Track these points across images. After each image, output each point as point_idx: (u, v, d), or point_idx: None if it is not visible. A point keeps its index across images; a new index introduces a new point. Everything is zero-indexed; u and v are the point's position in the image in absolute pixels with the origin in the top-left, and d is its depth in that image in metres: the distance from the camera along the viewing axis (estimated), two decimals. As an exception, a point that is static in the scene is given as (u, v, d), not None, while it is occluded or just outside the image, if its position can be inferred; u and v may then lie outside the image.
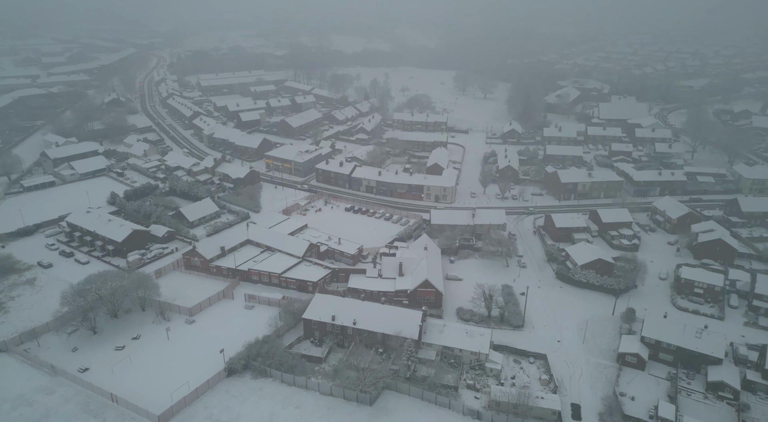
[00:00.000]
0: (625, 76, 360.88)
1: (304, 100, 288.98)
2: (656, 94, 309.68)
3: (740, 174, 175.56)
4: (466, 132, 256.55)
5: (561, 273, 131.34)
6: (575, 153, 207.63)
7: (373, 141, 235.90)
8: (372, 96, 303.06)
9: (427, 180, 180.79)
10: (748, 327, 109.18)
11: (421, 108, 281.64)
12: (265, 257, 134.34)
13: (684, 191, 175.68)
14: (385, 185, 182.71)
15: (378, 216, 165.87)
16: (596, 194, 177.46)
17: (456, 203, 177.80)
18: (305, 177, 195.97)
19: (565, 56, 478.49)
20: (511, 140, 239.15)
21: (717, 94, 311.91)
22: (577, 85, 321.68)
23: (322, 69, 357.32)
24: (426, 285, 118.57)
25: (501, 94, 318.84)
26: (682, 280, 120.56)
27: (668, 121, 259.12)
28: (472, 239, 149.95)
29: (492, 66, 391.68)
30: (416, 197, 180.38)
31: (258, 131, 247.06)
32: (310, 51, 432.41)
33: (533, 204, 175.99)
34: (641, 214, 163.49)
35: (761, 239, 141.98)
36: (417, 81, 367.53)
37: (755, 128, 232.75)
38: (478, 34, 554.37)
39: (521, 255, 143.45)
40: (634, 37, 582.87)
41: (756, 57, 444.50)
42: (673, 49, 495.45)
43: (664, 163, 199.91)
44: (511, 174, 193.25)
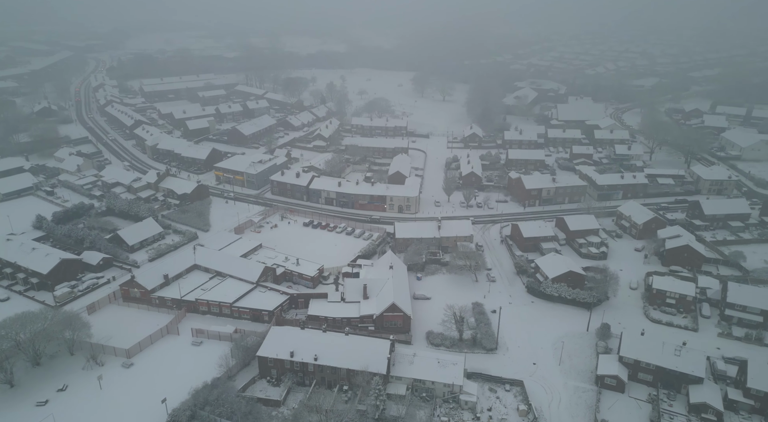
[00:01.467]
0: (579, 77, 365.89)
1: (256, 105, 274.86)
2: (610, 94, 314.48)
3: (699, 175, 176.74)
4: (427, 136, 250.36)
5: (532, 287, 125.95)
6: (537, 157, 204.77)
7: (332, 148, 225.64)
8: (329, 100, 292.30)
9: (390, 190, 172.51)
10: (722, 338, 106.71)
11: (380, 112, 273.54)
12: (214, 284, 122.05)
13: (646, 193, 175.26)
14: (346, 197, 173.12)
15: (339, 231, 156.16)
16: (561, 199, 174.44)
17: (420, 213, 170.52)
18: (259, 190, 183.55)
19: (520, 57, 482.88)
20: (473, 144, 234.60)
21: (667, 93, 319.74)
22: (534, 86, 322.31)
23: (276, 72, 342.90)
24: (393, 309, 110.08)
25: (460, 96, 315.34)
26: (654, 290, 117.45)
27: (624, 121, 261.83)
28: (439, 252, 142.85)
29: (449, 67, 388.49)
30: (379, 208, 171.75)
31: (207, 139, 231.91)
32: (263, 53, 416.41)
33: (498, 212, 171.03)
34: (606, 219, 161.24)
35: (725, 242, 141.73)
36: (374, 83, 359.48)
37: (707, 127, 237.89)
38: (433, 34, 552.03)
39: (490, 269, 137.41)
40: (585, 37, 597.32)
41: (700, 55, 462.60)
42: (622, 48, 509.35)
43: (624, 165, 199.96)
44: (474, 181, 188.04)
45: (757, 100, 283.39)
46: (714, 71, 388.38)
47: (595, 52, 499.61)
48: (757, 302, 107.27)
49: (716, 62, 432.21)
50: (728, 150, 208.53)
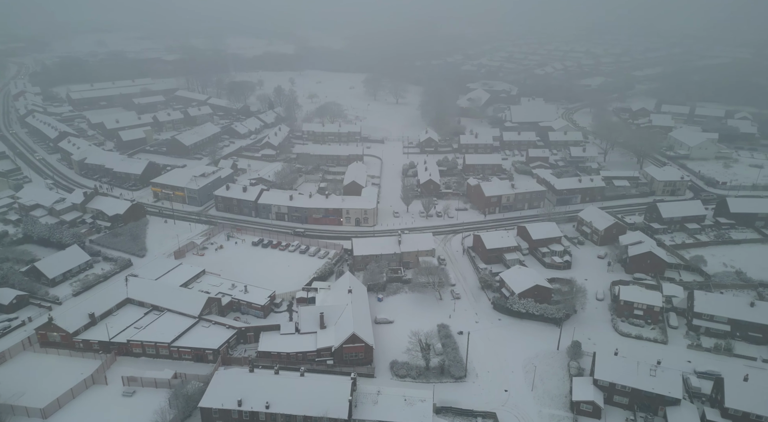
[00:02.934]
0: (530, 77, 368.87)
1: (198, 112, 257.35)
2: (560, 94, 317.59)
3: (653, 177, 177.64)
4: (382, 142, 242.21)
5: (498, 304, 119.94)
6: (494, 161, 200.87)
7: (282, 157, 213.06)
8: (277, 105, 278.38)
9: (346, 202, 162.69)
10: (692, 350, 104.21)
11: (332, 117, 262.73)
12: (150, 320, 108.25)
13: (603, 196, 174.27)
14: (299, 211, 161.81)
15: (292, 249, 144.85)
16: (520, 205, 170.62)
17: (379, 226, 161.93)
18: (202, 206, 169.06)
19: (471, 57, 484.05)
20: (429, 149, 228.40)
21: (613, 93, 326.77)
22: (487, 87, 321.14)
23: (219, 75, 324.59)
24: (354, 340, 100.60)
25: (413, 99, 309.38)
26: (622, 302, 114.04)
27: (576, 122, 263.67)
28: (401, 269, 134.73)
29: (401, 68, 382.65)
30: (335, 222, 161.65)
31: (144, 151, 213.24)
32: (205, 55, 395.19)
33: (459, 221, 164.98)
34: (567, 225, 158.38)
35: (685, 246, 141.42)
36: (325, 86, 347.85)
37: (655, 126, 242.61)
38: (383, 34, 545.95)
39: (454, 284, 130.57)
40: (532, 36, 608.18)
41: (641, 55, 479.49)
42: (567, 48, 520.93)
43: (580, 167, 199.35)
44: (433, 188, 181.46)
45: (698, 99, 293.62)
46: (655, 70, 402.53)
47: (543, 51, 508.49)
48: (724, 310, 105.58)
49: (656, 61, 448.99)
50: (677, 149, 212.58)
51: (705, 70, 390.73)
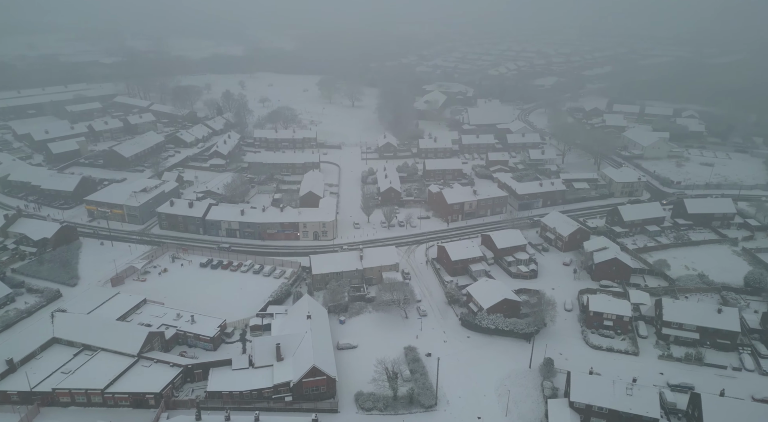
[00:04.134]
0: (485, 78, 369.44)
1: (140, 119, 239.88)
2: (515, 94, 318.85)
3: (611, 178, 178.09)
4: (339, 147, 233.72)
5: (466, 320, 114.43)
6: (454, 166, 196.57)
7: (232, 167, 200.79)
8: (226, 110, 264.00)
9: (303, 215, 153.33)
10: (663, 361, 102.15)
11: (285, 122, 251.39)
12: (80, 362, 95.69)
13: (564, 200, 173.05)
14: (252, 226, 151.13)
15: (245, 269, 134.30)
16: (483, 211, 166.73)
17: (339, 239, 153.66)
18: (144, 225, 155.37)
19: (425, 58, 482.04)
20: (388, 154, 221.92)
21: (566, 92, 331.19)
22: (443, 89, 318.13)
23: (163, 79, 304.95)
24: (314, 373, 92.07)
25: (369, 102, 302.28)
26: (591, 313, 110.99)
27: (534, 124, 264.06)
28: (363, 287, 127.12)
29: (355, 70, 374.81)
30: (291, 237, 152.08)
31: (77, 165, 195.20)
32: (147, 58, 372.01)
33: (422, 230, 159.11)
34: (531, 231, 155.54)
35: (646, 249, 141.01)
36: (277, 89, 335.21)
37: (608, 126, 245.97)
38: (336, 35, 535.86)
39: (420, 300, 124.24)
40: (483, 37, 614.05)
41: (589, 54, 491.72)
42: (519, 48, 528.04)
43: (539, 170, 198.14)
44: (394, 196, 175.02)
45: (646, 97, 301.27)
46: (604, 70, 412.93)
47: (496, 52, 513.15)
48: (692, 318, 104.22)
49: (604, 61, 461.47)
50: (631, 149, 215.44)
51: (650, 69, 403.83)
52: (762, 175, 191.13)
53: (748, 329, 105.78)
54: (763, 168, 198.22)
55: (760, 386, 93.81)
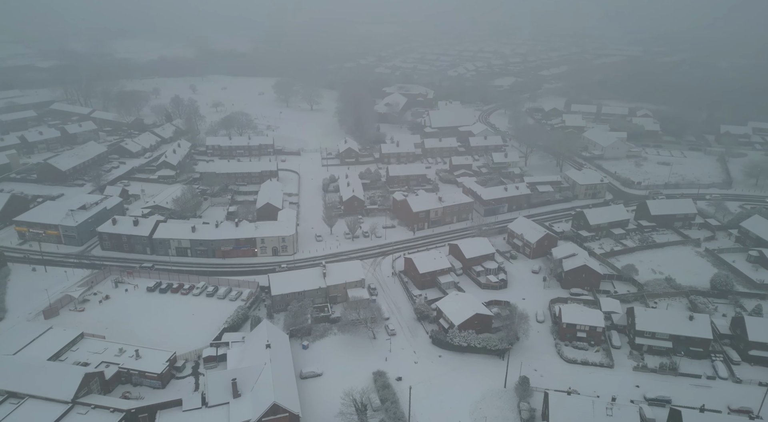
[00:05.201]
0: (444, 79, 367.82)
1: (80, 128, 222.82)
2: (474, 95, 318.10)
3: (574, 180, 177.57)
4: (298, 154, 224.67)
5: (437, 338, 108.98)
6: (418, 172, 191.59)
7: (183, 178, 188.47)
8: (176, 116, 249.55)
9: (261, 229, 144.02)
10: (638, 372, 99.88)
11: (240, 128, 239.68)
12: (3, 414, 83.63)
13: (529, 204, 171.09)
14: (204, 244, 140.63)
15: (197, 292, 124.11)
16: (449, 219, 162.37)
17: (300, 253, 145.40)
18: (83, 246, 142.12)
19: (384, 59, 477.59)
20: (349, 160, 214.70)
21: (524, 93, 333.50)
22: (403, 91, 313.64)
23: (106, 84, 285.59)
24: (275, 411, 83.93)
25: (329, 105, 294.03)
26: (564, 324, 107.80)
27: (496, 126, 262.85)
28: (327, 306, 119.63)
29: (313, 72, 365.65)
30: (248, 254, 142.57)
31: (7, 180, 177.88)
32: (88, 61, 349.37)
33: (387, 240, 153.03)
34: (498, 238, 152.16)
35: (613, 253, 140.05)
36: (231, 92, 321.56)
37: (568, 126, 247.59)
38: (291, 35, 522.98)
39: (388, 318, 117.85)
40: (441, 37, 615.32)
41: (545, 54, 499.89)
42: (476, 48, 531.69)
43: (503, 173, 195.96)
44: (357, 205, 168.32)
45: (601, 96, 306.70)
46: (560, 69, 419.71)
47: (453, 52, 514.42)
48: (665, 327, 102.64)
49: (559, 60, 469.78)
50: (591, 150, 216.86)
51: (603, 69, 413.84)
52: (717, 173, 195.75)
53: (719, 334, 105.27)
54: (717, 166, 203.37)
55: (736, 395, 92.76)
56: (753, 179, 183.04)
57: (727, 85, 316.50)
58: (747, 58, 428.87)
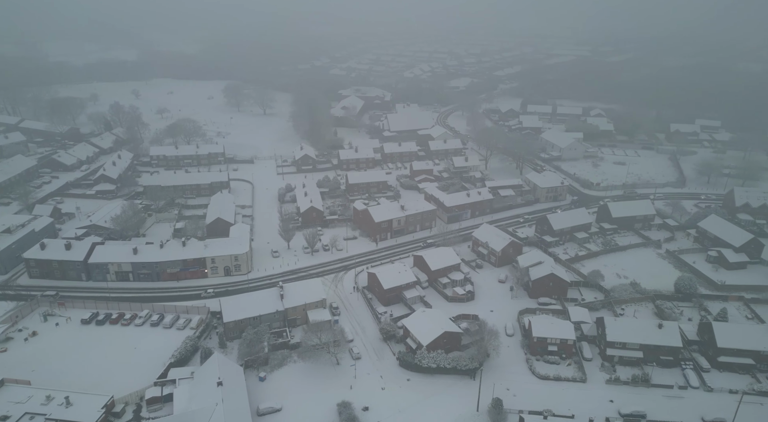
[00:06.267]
0: (400, 81, 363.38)
1: (6, 140, 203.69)
2: (431, 97, 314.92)
3: (535, 184, 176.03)
4: (251, 162, 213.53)
5: (405, 360, 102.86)
6: (379, 178, 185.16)
7: (124, 193, 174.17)
8: (116, 125, 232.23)
9: (211, 248, 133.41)
10: (611, 386, 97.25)
11: (188, 136, 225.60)
12: None
13: (492, 209, 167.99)
14: (148, 267, 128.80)
15: (139, 322, 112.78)
16: (412, 228, 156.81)
17: (255, 272, 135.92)
18: (7, 274, 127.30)
19: (338, 60, 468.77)
20: (306, 167, 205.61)
21: (481, 93, 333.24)
22: (360, 93, 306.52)
23: (37, 90, 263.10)
24: (229, 460, 75.19)
25: (283, 109, 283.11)
26: (535, 339, 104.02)
27: (455, 129, 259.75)
28: (286, 331, 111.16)
29: (265, 74, 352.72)
30: (198, 275, 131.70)
31: None
32: (17, 65, 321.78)
33: (348, 253, 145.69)
34: (462, 246, 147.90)
35: (578, 258, 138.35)
36: (178, 97, 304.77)
37: (525, 128, 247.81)
38: (241, 36, 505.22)
39: (351, 340, 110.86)
40: (395, 38, 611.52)
41: (498, 55, 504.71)
42: (431, 49, 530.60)
43: (464, 178, 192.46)
44: (316, 216, 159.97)
45: (555, 96, 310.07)
46: (514, 69, 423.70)
47: (408, 53, 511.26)
48: (635, 336, 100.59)
49: (513, 60, 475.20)
50: (549, 151, 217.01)
51: (555, 68, 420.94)
52: (670, 172, 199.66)
53: (687, 341, 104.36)
54: (669, 164, 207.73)
55: (708, 405, 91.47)
56: (705, 177, 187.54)
57: (673, 84, 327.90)
58: (689, 58, 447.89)
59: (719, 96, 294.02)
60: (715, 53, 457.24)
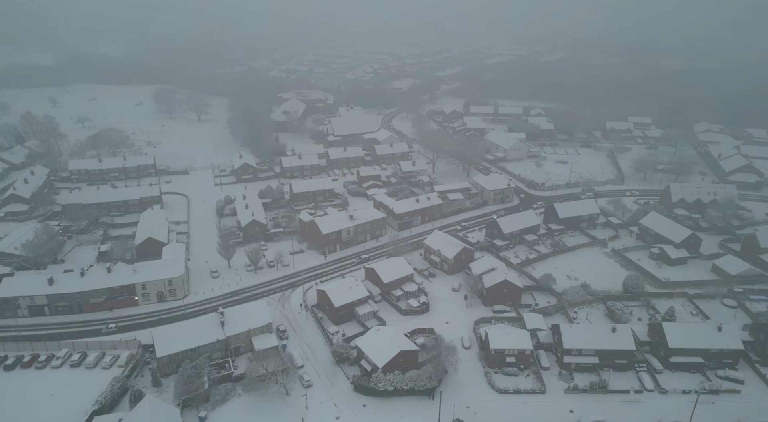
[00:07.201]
0: (343, 83, 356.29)
1: None
2: (375, 99, 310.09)
3: (483, 186, 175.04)
4: (186, 173, 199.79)
5: (360, 384, 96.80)
6: (325, 186, 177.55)
7: (39, 213, 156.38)
8: (29, 137, 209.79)
9: (141, 273, 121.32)
10: (570, 395, 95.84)
11: (113, 147, 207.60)
12: None
13: (441, 214, 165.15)
14: (67, 298, 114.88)
15: (57, 363, 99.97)
16: (362, 237, 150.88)
17: (193, 296, 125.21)
18: None
19: (277, 62, 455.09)
20: (246, 176, 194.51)
21: (423, 95, 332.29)
22: (301, 96, 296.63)
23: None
24: None
25: (219, 114, 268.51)
26: (492, 351, 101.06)
27: (400, 131, 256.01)
28: (229, 361, 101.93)
29: (199, 77, 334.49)
30: (127, 304, 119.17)
31: None
32: None
33: (296, 268, 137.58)
34: (414, 254, 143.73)
35: (529, 261, 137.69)
36: (102, 104, 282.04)
37: (470, 129, 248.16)
38: (172, 37, 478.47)
39: (302, 365, 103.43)
40: (335, 38, 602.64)
41: (438, 55, 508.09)
42: (372, 50, 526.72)
43: (412, 182, 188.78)
44: (258, 230, 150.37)
45: (496, 96, 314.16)
46: (455, 70, 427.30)
47: (349, 54, 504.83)
48: (590, 342, 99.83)
49: (453, 61, 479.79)
50: (494, 152, 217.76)
51: (494, 68, 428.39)
52: (609, 169, 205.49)
53: (639, 342, 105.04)
54: (608, 162, 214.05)
55: (664, 407, 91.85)
56: (641, 174, 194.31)
57: (603, 82, 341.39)
58: (615, 56, 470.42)
59: (647, 93, 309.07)
60: (638, 52, 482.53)
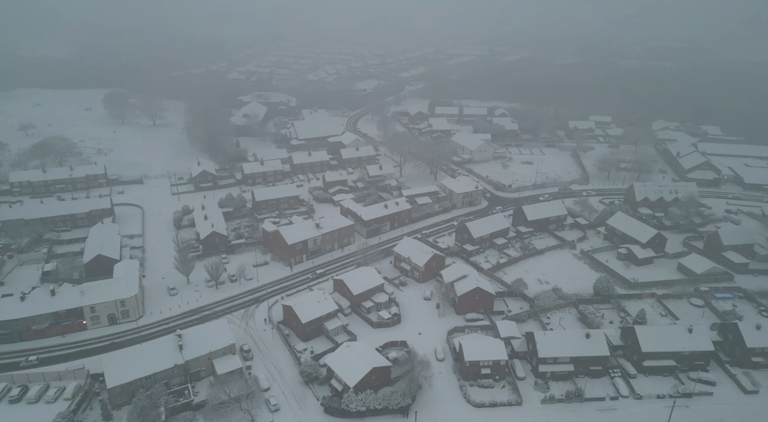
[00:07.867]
0: (305, 85, 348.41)
1: None
2: (339, 101, 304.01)
3: (451, 190, 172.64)
4: (141, 182, 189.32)
5: (330, 406, 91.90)
6: (290, 193, 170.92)
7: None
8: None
9: (89, 294, 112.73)
10: (546, 405, 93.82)
11: (59, 156, 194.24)
12: None
13: (410, 219, 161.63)
14: (5, 326, 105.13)
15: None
16: (330, 246, 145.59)
17: (148, 316, 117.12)
18: None
19: (236, 63, 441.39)
20: (206, 184, 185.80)
21: (388, 96, 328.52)
22: (262, 99, 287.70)
23: None
24: None
25: (176, 119, 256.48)
26: (467, 363, 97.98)
27: (365, 134, 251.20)
28: (188, 388, 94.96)
29: (154, 80, 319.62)
30: (74, 329, 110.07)
31: None
32: None
33: (260, 282, 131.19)
34: (384, 262, 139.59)
35: (499, 266, 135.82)
36: (48, 110, 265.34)
37: (435, 130, 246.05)
38: (122, 38, 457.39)
39: (268, 388, 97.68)
40: (296, 38, 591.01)
41: (402, 55, 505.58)
42: (334, 50, 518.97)
43: (380, 187, 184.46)
44: (219, 242, 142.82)
45: (460, 97, 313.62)
46: (419, 70, 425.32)
47: (311, 54, 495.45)
48: (564, 350, 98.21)
49: (416, 61, 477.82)
50: (460, 154, 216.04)
51: (457, 69, 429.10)
52: (573, 168, 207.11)
53: (612, 347, 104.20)
54: (572, 161, 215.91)
55: (640, 414, 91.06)
56: (605, 173, 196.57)
57: (563, 82, 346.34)
58: (573, 56, 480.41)
59: (606, 92, 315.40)
60: (594, 51, 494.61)
